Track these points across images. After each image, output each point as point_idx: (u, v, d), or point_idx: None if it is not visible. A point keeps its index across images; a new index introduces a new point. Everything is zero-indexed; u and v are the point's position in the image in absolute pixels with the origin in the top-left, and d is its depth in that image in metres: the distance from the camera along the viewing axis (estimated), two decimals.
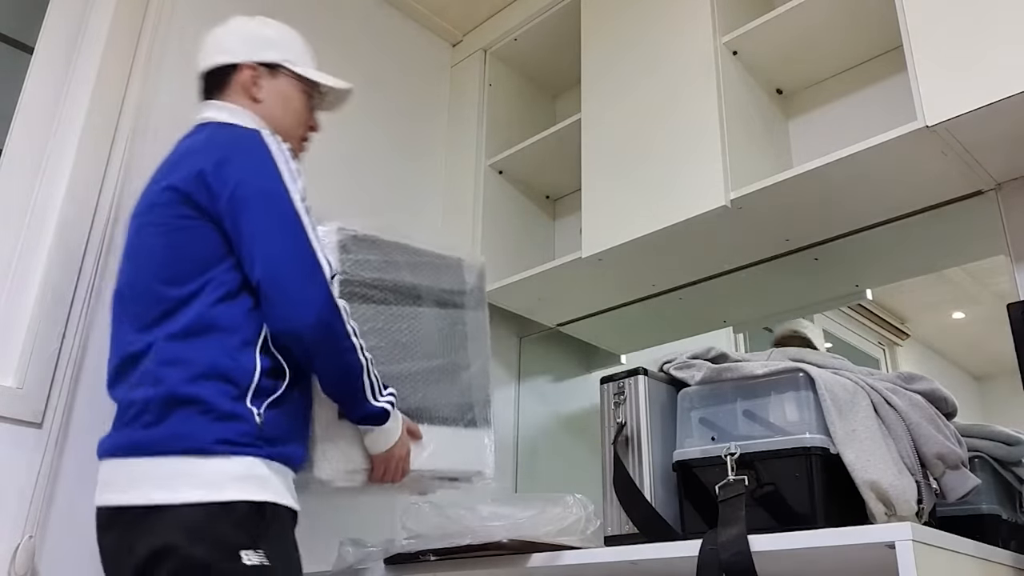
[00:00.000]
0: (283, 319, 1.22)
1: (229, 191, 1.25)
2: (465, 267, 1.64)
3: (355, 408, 1.29)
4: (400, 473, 1.37)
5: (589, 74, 2.04)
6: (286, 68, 1.47)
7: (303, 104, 1.50)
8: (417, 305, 1.52)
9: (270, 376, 1.23)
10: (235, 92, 1.44)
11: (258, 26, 1.51)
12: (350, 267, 1.44)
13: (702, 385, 1.37)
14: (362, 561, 1.53)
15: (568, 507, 1.40)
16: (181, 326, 1.22)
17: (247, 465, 1.16)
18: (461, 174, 2.34)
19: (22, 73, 1.64)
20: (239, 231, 1.25)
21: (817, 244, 1.79)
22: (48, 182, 1.60)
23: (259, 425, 1.19)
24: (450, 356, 1.55)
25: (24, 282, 1.52)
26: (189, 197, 1.27)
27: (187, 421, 1.16)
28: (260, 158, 1.29)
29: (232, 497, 1.14)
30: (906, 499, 1.17)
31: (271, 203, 1.26)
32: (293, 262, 1.23)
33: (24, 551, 1.36)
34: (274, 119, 1.43)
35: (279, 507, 1.19)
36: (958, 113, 1.35)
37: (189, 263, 1.25)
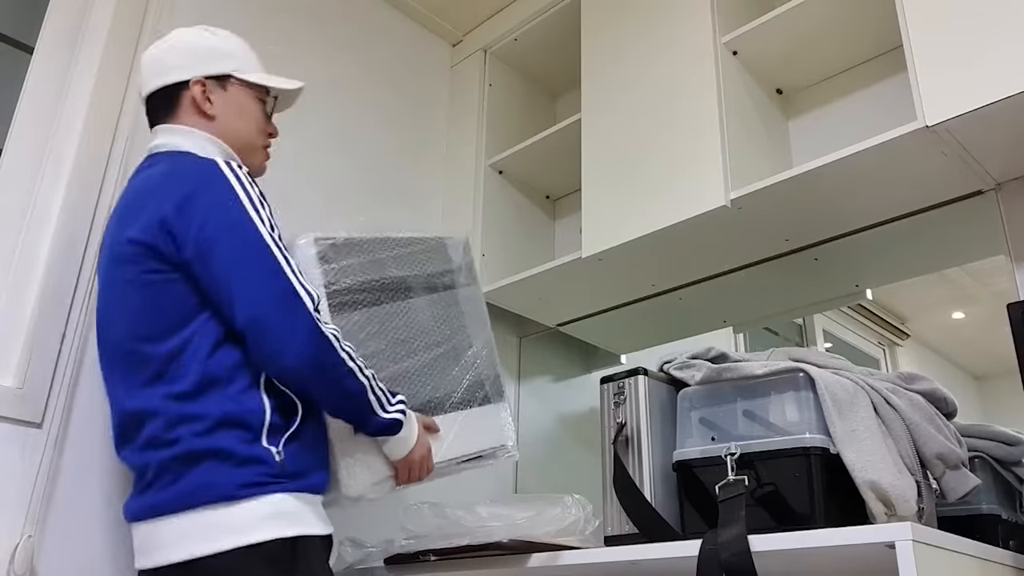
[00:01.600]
0: (272, 362, 1.20)
1: (193, 236, 1.21)
2: (449, 245, 1.60)
3: (366, 425, 1.28)
4: (425, 470, 1.36)
5: (589, 74, 2.04)
6: (236, 77, 1.41)
7: (259, 111, 1.44)
8: (409, 297, 1.50)
9: (280, 413, 1.23)
10: (185, 112, 1.37)
11: (199, 37, 1.43)
12: (334, 276, 1.41)
13: (702, 385, 1.37)
14: (362, 561, 1.53)
15: (567, 507, 1.40)
16: (183, 387, 1.20)
17: (274, 503, 1.17)
18: (461, 174, 2.34)
19: (22, 73, 1.64)
20: (211, 276, 1.21)
21: (817, 244, 1.79)
22: (48, 182, 1.60)
23: (280, 463, 1.19)
24: (452, 340, 1.52)
25: (24, 282, 1.52)
26: (155, 249, 1.23)
27: (209, 472, 1.16)
28: (220, 192, 1.24)
29: (263, 538, 1.14)
30: (906, 499, 1.17)
31: (239, 240, 1.21)
32: (272, 301, 1.19)
33: (23, 551, 1.36)
34: (232, 133, 1.38)
35: (311, 538, 1.19)
36: (958, 113, 1.35)
37: (167, 319, 1.22)
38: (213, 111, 1.37)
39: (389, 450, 1.32)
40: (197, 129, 1.36)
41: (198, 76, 1.38)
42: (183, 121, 1.37)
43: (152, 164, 1.34)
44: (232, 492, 1.15)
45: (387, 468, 1.34)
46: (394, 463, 1.34)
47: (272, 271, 1.21)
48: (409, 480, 1.35)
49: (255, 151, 1.43)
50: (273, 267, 1.21)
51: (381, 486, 1.34)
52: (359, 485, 1.32)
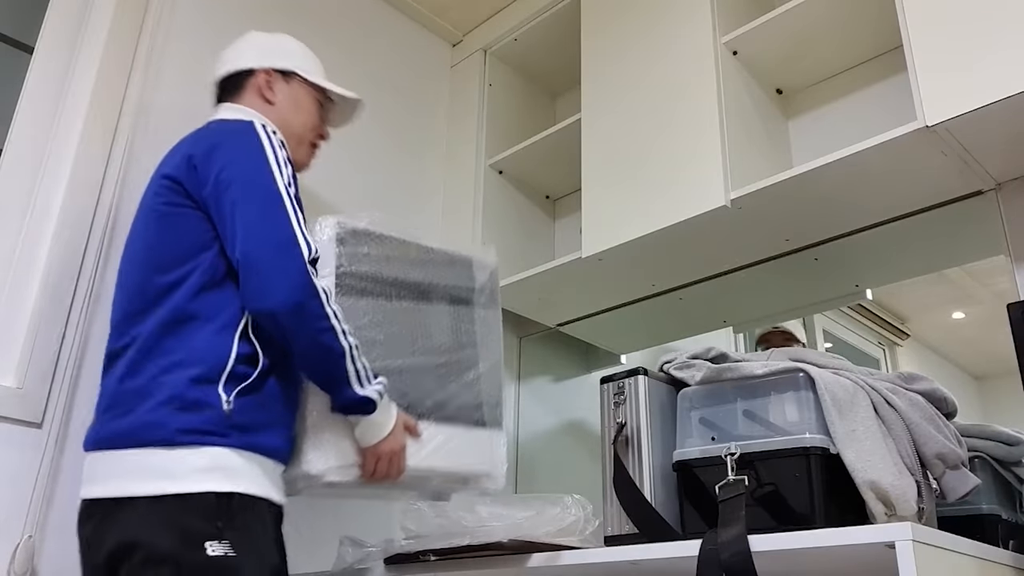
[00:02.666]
0: (257, 296, 1.22)
1: (214, 175, 1.28)
2: (475, 265, 1.61)
3: (338, 393, 1.27)
4: (395, 470, 1.34)
5: (589, 74, 2.04)
6: (300, 75, 1.54)
7: (315, 110, 1.56)
8: (421, 301, 1.49)
9: (245, 362, 1.23)
10: (249, 94, 1.50)
11: (274, 38, 1.58)
12: (346, 260, 1.41)
13: (702, 385, 1.37)
14: (362, 561, 1.53)
15: (567, 507, 1.40)
16: (162, 318, 1.24)
17: (213, 456, 1.17)
18: (461, 174, 2.34)
19: (22, 73, 1.64)
20: (222, 212, 1.27)
21: (817, 244, 1.79)
22: (48, 182, 1.60)
23: (227, 412, 1.19)
24: (457, 353, 1.51)
25: (24, 282, 1.52)
26: (179, 183, 1.31)
27: (154, 411, 1.17)
28: (248, 144, 1.32)
29: (197, 488, 1.14)
30: (906, 499, 1.17)
31: (254, 184, 1.28)
32: (270, 240, 1.24)
33: (24, 551, 1.36)
34: (285, 121, 1.49)
35: (252, 498, 1.18)
36: (958, 113, 1.35)
37: (177, 249, 1.28)
38: (274, 98, 1.50)
39: (360, 433, 1.31)
40: (253, 109, 1.46)
41: (266, 66, 1.51)
42: (245, 102, 1.49)
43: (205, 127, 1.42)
44: (172, 436, 1.16)
45: (356, 455, 1.32)
46: (363, 451, 1.32)
47: (277, 215, 1.26)
48: (376, 474, 1.32)
49: (302, 144, 1.53)
50: (279, 212, 1.26)
51: (345, 471, 1.31)
52: (322, 463, 1.29)
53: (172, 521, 1.13)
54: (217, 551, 1.12)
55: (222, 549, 1.13)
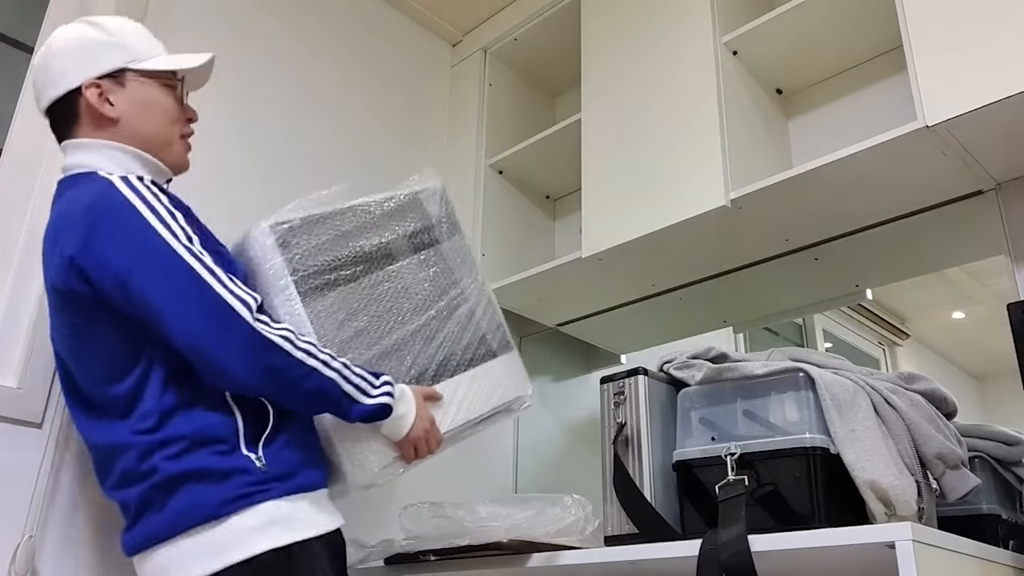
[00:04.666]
0: (221, 381, 1.16)
1: (108, 273, 1.14)
2: (424, 198, 1.50)
3: (349, 414, 1.24)
4: (434, 443, 1.33)
5: (589, 74, 2.04)
6: (132, 69, 1.28)
7: (167, 101, 1.31)
8: (387, 264, 1.41)
9: (254, 419, 1.20)
10: (86, 122, 1.26)
11: (82, 34, 1.28)
12: (298, 262, 1.32)
13: (702, 385, 1.37)
14: (362, 561, 1.53)
15: (567, 507, 1.40)
16: (149, 423, 1.16)
17: (262, 513, 1.14)
18: (461, 174, 2.34)
19: (22, 73, 1.64)
20: (138, 309, 1.15)
21: (817, 244, 1.79)
22: (48, 182, 1.60)
23: (262, 469, 1.16)
24: (442, 298, 1.45)
25: (24, 282, 1.52)
26: (73, 294, 1.17)
27: (191, 494, 1.13)
28: (122, 218, 1.15)
29: (255, 551, 1.12)
30: (906, 499, 1.16)
31: (153, 264, 1.13)
32: (203, 321, 1.13)
33: (24, 551, 1.36)
34: (139, 133, 1.27)
35: (307, 543, 1.16)
36: (958, 113, 1.35)
37: (114, 360, 1.18)
38: (115, 112, 1.26)
39: (387, 432, 1.28)
40: (102, 139, 1.26)
41: (90, 78, 1.25)
42: (85, 133, 1.26)
43: (60, 194, 1.26)
44: (216, 510, 1.12)
45: (392, 450, 1.30)
46: (397, 443, 1.30)
47: (195, 288, 1.14)
48: (417, 456, 1.32)
49: (170, 145, 1.31)
50: (195, 283, 1.14)
51: (390, 469, 1.31)
52: (366, 474, 1.29)
53: None
54: None
55: None
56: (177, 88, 1.34)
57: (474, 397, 1.43)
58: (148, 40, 1.33)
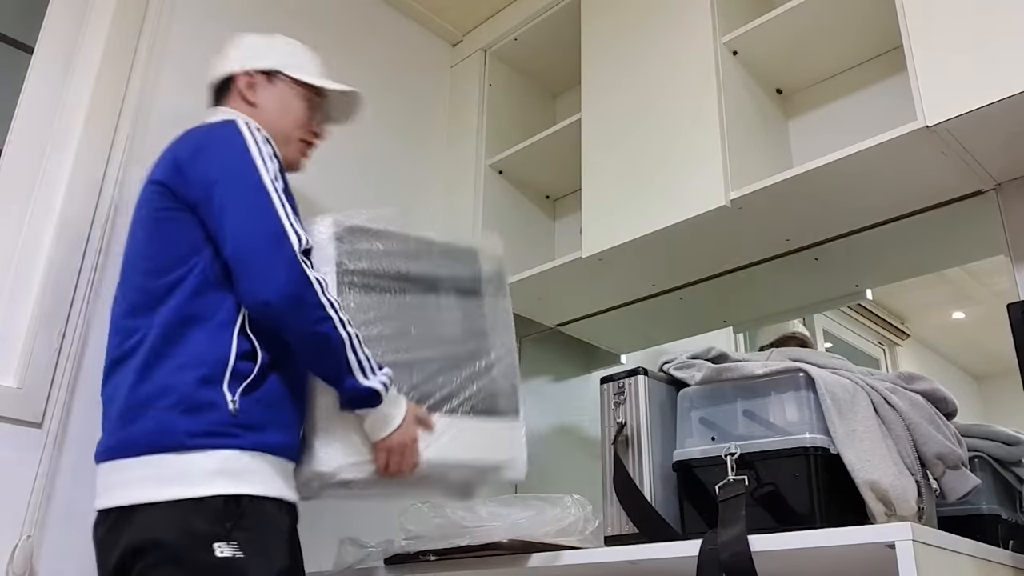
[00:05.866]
0: (250, 290, 1.23)
1: (200, 176, 1.30)
2: (480, 256, 1.59)
3: (341, 385, 1.27)
4: (408, 463, 1.33)
5: (589, 74, 2.04)
6: (283, 74, 1.52)
7: (303, 109, 1.53)
8: (425, 293, 1.47)
9: (246, 359, 1.24)
10: (233, 98, 1.50)
11: (261, 39, 1.57)
12: (346, 257, 1.40)
13: (702, 385, 1.37)
14: (362, 561, 1.53)
15: (566, 507, 1.40)
16: (163, 321, 1.24)
17: (222, 459, 1.18)
18: (461, 174, 2.34)
19: (22, 73, 1.64)
20: (211, 212, 1.28)
21: (817, 244, 1.79)
22: (48, 182, 1.60)
23: (233, 412, 1.20)
24: (467, 344, 1.48)
25: (24, 282, 1.52)
26: (167, 187, 1.32)
27: (162, 416, 1.18)
28: (230, 142, 1.32)
29: (206, 492, 1.15)
30: (906, 499, 1.16)
31: (239, 181, 1.28)
32: (257, 233, 1.24)
33: (22, 551, 1.36)
34: (270, 122, 1.46)
35: (261, 499, 1.19)
36: (958, 113, 1.35)
37: (172, 253, 1.29)
38: (257, 100, 1.49)
39: (369, 427, 1.30)
40: (238, 112, 1.46)
41: (247, 69, 1.50)
42: (230, 105, 1.49)
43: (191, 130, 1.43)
44: (182, 441, 1.17)
45: (367, 451, 1.31)
46: (373, 445, 1.31)
47: (263, 210, 1.26)
48: (389, 468, 1.31)
49: (289, 142, 1.51)
50: (265, 207, 1.26)
51: (358, 467, 1.31)
52: (333, 460, 1.29)
53: (182, 523, 1.14)
54: (225, 552, 1.13)
55: (230, 550, 1.14)
56: (317, 106, 1.56)
57: (464, 442, 1.42)
58: (307, 60, 1.57)
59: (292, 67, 1.53)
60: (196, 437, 1.17)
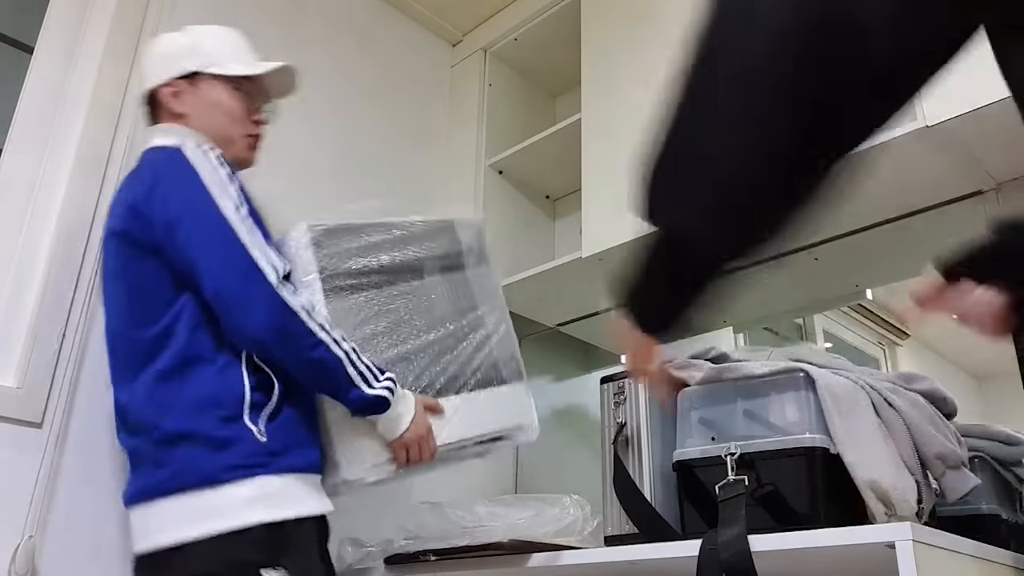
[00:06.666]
0: (236, 332, 1.23)
1: (160, 216, 1.26)
2: (458, 227, 1.57)
3: (348, 399, 1.27)
4: (427, 452, 1.34)
5: (589, 74, 2.04)
6: (204, 73, 1.44)
7: (236, 103, 1.45)
8: (412, 279, 1.47)
9: (262, 391, 1.24)
10: (163, 113, 1.44)
11: (171, 41, 1.49)
12: (328, 261, 1.39)
13: (702, 385, 1.37)
14: (362, 561, 1.53)
15: (565, 508, 1.40)
16: (163, 366, 1.23)
17: (258, 486, 1.18)
18: (461, 174, 2.34)
19: (22, 73, 1.64)
20: (179, 255, 1.25)
21: (817, 244, 1.79)
22: (48, 182, 1.60)
23: (262, 442, 1.20)
24: (459, 320, 1.49)
25: (24, 282, 1.52)
26: (128, 236, 1.29)
27: (190, 456, 1.18)
28: (182, 174, 1.27)
29: (247, 522, 1.15)
30: (906, 499, 1.16)
31: (200, 219, 1.25)
32: (232, 274, 1.22)
33: (24, 551, 1.36)
34: (205, 128, 1.40)
35: (299, 520, 1.20)
36: (958, 113, 1.35)
37: (150, 303, 1.27)
38: (183, 109, 1.42)
39: (383, 430, 1.31)
40: (175, 126, 1.41)
41: (164, 79, 1.43)
42: (164, 121, 1.44)
43: (139, 161, 1.40)
44: (216, 475, 1.17)
45: (386, 450, 1.32)
46: (390, 444, 1.32)
47: (230, 246, 1.23)
48: (409, 462, 1.33)
49: (232, 142, 1.44)
50: (231, 242, 1.23)
51: (380, 468, 1.32)
52: (357, 467, 1.31)
53: (228, 555, 1.15)
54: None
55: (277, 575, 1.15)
56: (252, 93, 1.47)
57: (475, 417, 1.44)
58: (231, 46, 1.48)
59: (212, 63, 1.44)
60: (229, 471, 1.17)
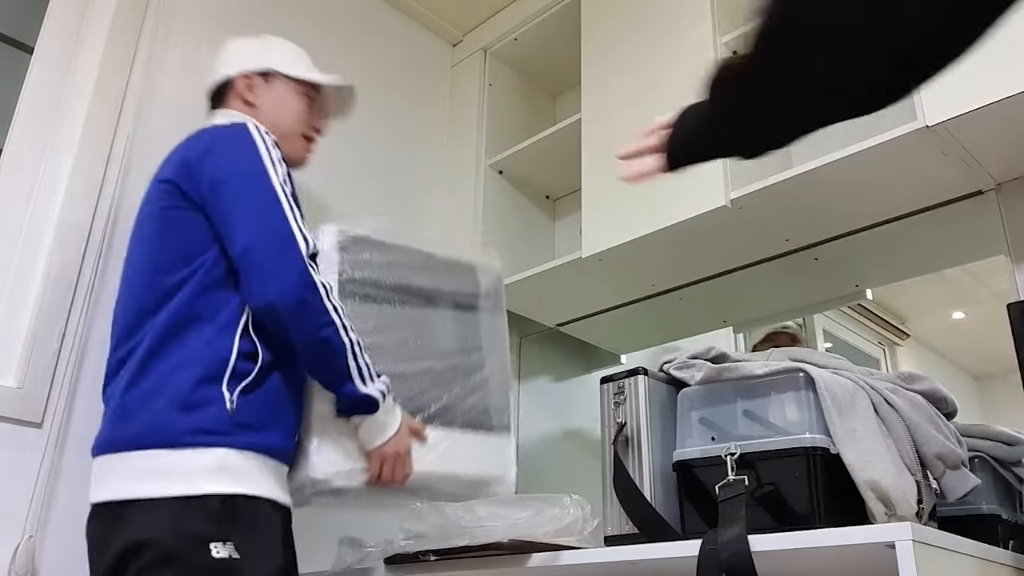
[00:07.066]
0: (257, 292, 1.24)
1: (210, 175, 1.30)
2: (479, 271, 1.61)
3: (340, 390, 1.27)
4: (401, 473, 1.34)
5: (589, 74, 2.04)
6: (279, 73, 1.53)
7: (302, 105, 1.55)
8: (424, 306, 1.49)
9: (246, 359, 1.24)
10: (233, 101, 1.51)
11: (253, 41, 1.59)
12: (348, 266, 1.42)
13: (702, 385, 1.37)
14: (362, 561, 1.53)
15: (565, 507, 1.40)
16: (166, 320, 1.24)
17: (219, 457, 1.18)
18: (461, 174, 2.34)
19: (22, 73, 1.64)
20: (219, 211, 1.28)
21: (817, 244, 1.79)
22: (48, 182, 1.60)
23: (230, 411, 1.20)
24: (462, 358, 1.51)
25: (24, 282, 1.52)
26: (176, 186, 1.32)
27: (159, 413, 1.18)
28: (241, 144, 1.33)
29: (202, 491, 1.15)
30: (906, 499, 1.16)
31: (248, 182, 1.29)
32: (267, 235, 1.25)
33: (24, 551, 1.36)
34: (272, 121, 1.48)
35: (257, 499, 1.19)
36: (958, 113, 1.35)
37: (180, 251, 1.29)
38: (256, 101, 1.50)
39: (364, 434, 1.31)
40: (240, 113, 1.47)
41: (242, 71, 1.52)
42: (230, 107, 1.50)
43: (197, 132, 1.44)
44: (179, 437, 1.17)
45: (361, 459, 1.32)
46: (367, 453, 1.32)
47: (273, 212, 1.27)
48: (382, 477, 1.32)
49: (292, 139, 1.52)
50: (275, 209, 1.27)
51: (351, 476, 1.32)
52: (327, 466, 1.30)
53: (178, 522, 1.14)
54: (221, 553, 1.13)
55: (226, 551, 1.14)
56: (315, 102, 1.58)
57: (456, 455, 1.44)
58: (300, 58, 1.59)
59: (287, 66, 1.55)
60: (193, 434, 1.17)
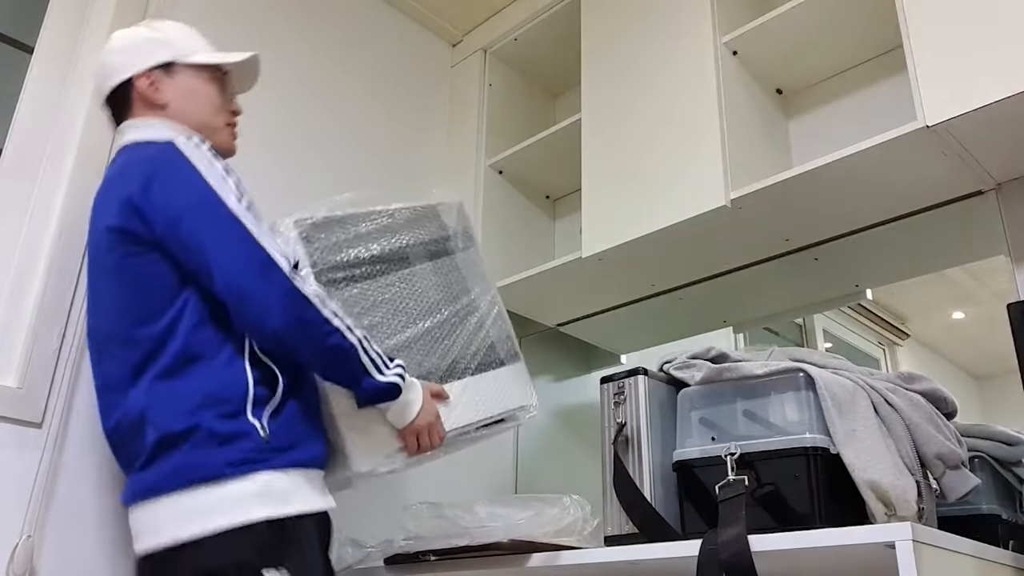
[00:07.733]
0: (256, 327, 1.21)
1: (162, 214, 1.24)
2: (442, 211, 1.58)
3: (361, 388, 1.27)
4: (436, 438, 1.35)
5: (589, 74, 2.04)
6: (180, 63, 1.42)
7: (214, 91, 1.45)
8: (404, 267, 1.48)
9: (264, 386, 1.23)
10: (140, 106, 1.40)
11: (136, 33, 1.45)
12: (319, 255, 1.40)
13: (702, 385, 1.37)
14: (362, 561, 1.53)
15: (565, 508, 1.40)
16: (165, 364, 1.21)
17: (262, 482, 1.16)
18: (461, 174, 2.34)
19: (22, 73, 1.64)
20: (186, 250, 1.23)
21: (817, 244, 1.79)
22: (48, 182, 1.60)
23: (265, 438, 1.19)
24: (454, 305, 1.50)
25: (24, 282, 1.52)
26: (128, 231, 1.25)
27: (193, 452, 1.16)
28: (177, 170, 1.26)
29: (251, 519, 1.14)
30: (906, 499, 1.16)
31: (205, 212, 1.23)
32: (244, 268, 1.20)
33: (23, 551, 1.36)
34: (187, 117, 1.39)
35: (302, 518, 1.19)
36: (958, 113, 1.35)
37: (152, 300, 1.24)
38: (163, 99, 1.39)
39: (393, 418, 1.31)
40: (154, 118, 1.38)
41: (141, 70, 1.39)
42: (140, 115, 1.39)
43: (118, 158, 1.38)
44: (219, 471, 1.15)
45: (396, 440, 1.33)
46: (399, 432, 1.32)
47: (241, 239, 1.22)
48: (420, 450, 1.34)
49: (216, 131, 1.43)
50: (242, 235, 1.22)
51: (392, 459, 1.33)
52: (368, 459, 1.31)
53: (229, 556, 1.13)
54: None
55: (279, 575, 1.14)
56: (224, 83, 1.47)
57: (479, 400, 1.45)
58: (197, 40, 1.47)
59: (187, 52, 1.43)
60: (232, 466, 1.15)
